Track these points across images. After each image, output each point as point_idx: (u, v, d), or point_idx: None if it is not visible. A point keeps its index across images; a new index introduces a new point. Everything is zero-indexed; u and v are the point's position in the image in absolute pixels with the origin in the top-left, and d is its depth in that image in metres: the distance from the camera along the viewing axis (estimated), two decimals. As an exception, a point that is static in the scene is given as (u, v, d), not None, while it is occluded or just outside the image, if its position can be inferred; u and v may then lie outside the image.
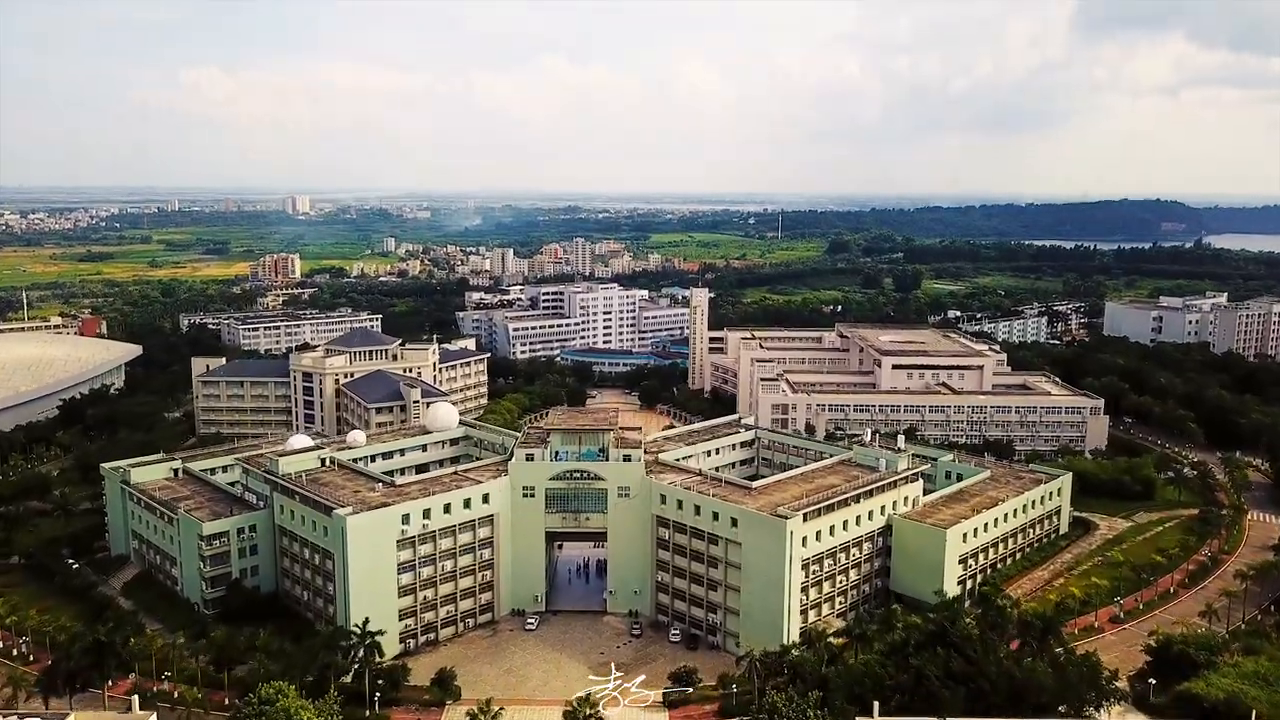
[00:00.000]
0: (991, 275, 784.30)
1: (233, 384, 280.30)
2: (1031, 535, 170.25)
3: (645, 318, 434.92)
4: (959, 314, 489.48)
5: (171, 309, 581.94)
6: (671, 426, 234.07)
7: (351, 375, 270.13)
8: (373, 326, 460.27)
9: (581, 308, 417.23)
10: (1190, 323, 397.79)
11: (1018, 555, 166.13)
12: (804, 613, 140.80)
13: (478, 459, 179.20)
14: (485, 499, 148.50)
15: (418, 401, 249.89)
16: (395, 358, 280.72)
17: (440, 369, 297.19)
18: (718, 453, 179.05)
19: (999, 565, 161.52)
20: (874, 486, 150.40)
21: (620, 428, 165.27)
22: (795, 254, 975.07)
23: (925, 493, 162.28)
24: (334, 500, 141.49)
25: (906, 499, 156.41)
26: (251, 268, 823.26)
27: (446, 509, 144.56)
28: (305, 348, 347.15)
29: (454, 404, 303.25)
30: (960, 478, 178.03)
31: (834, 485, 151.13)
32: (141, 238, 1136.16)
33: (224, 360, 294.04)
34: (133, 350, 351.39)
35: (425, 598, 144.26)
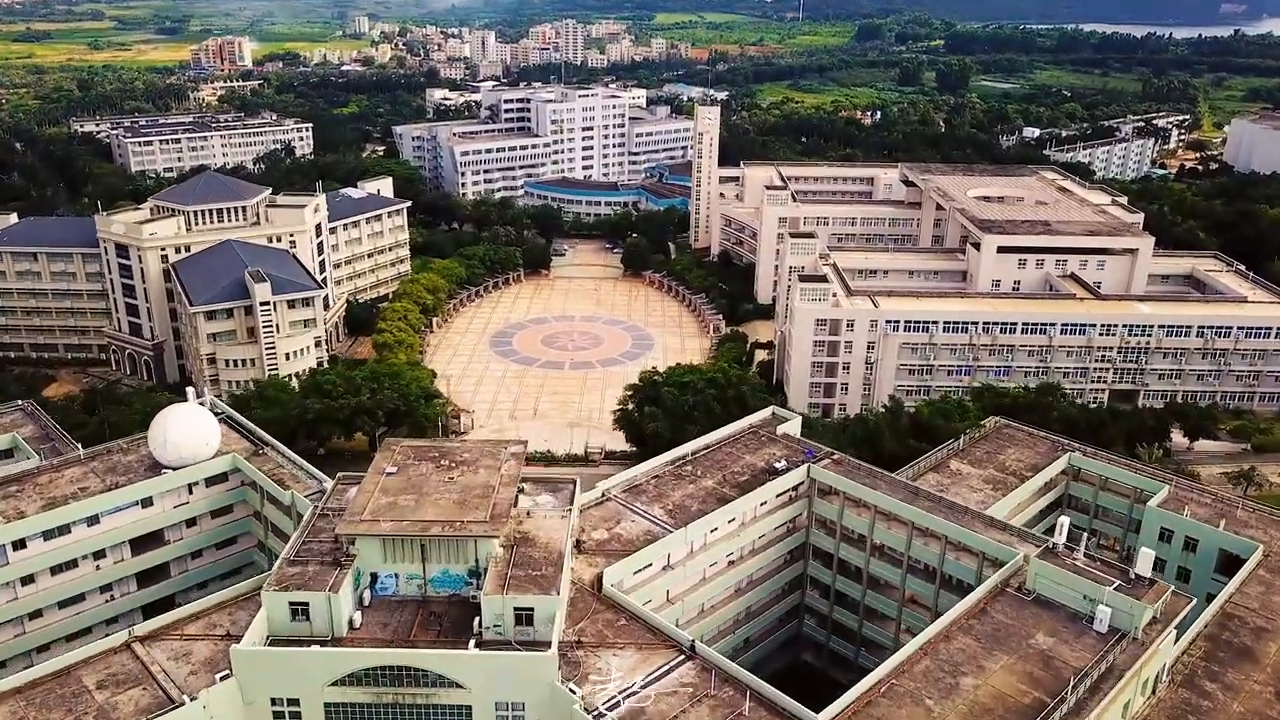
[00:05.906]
0: (1049, 70, 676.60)
1: (22, 256, 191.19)
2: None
3: (637, 135, 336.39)
4: (1036, 133, 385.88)
5: (76, 108, 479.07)
6: (655, 369, 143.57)
7: (188, 249, 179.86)
8: (301, 139, 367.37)
9: (554, 122, 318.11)
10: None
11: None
12: None
13: (259, 514, 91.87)
14: (169, 748, 61.78)
15: (267, 304, 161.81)
16: (259, 220, 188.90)
17: (336, 230, 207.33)
18: (733, 522, 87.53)
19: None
20: (1106, 701, 63.72)
21: (522, 492, 76.98)
22: (819, 39, 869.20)
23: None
24: None
25: (1148, 683, 70.45)
26: (193, 53, 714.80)
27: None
28: (197, 173, 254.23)
29: (363, 274, 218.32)
30: (1193, 546, 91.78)
31: (1010, 700, 64.42)
32: (93, 14, 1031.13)
33: (14, 218, 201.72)
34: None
35: None
